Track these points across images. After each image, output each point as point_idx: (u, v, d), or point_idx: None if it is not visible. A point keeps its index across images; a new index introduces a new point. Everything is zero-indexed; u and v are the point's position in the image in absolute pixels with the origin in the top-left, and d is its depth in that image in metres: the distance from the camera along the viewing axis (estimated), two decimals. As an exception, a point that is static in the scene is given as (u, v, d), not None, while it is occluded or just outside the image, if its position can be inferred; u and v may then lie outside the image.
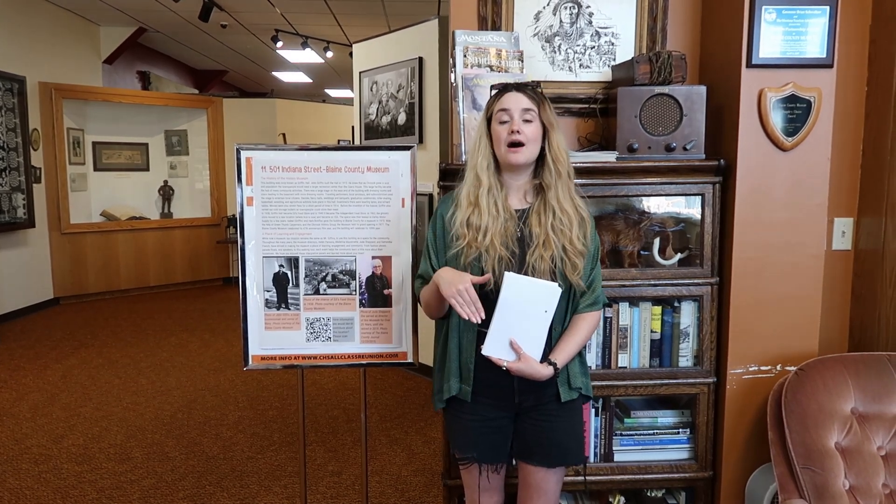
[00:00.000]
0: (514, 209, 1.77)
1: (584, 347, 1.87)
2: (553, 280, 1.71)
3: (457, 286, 1.64)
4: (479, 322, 1.65)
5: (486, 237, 1.71)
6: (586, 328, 1.81)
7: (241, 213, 2.24)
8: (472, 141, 1.83)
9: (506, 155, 1.72)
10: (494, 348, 1.71)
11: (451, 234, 1.78)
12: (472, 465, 1.86)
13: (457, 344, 1.82)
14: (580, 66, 2.43)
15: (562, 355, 1.76)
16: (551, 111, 1.76)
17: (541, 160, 1.77)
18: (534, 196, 1.79)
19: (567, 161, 1.76)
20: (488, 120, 1.78)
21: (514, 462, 1.93)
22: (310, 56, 9.34)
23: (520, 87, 1.76)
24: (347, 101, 9.78)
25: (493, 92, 1.81)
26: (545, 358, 1.75)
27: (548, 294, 1.68)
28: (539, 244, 1.72)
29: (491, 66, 2.20)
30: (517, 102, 1.72)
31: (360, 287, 2.27)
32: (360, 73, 5.07)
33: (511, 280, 1.66)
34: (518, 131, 1.70)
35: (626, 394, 2.27)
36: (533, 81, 1.80)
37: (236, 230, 2.14)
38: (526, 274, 1.71)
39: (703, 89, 2.16)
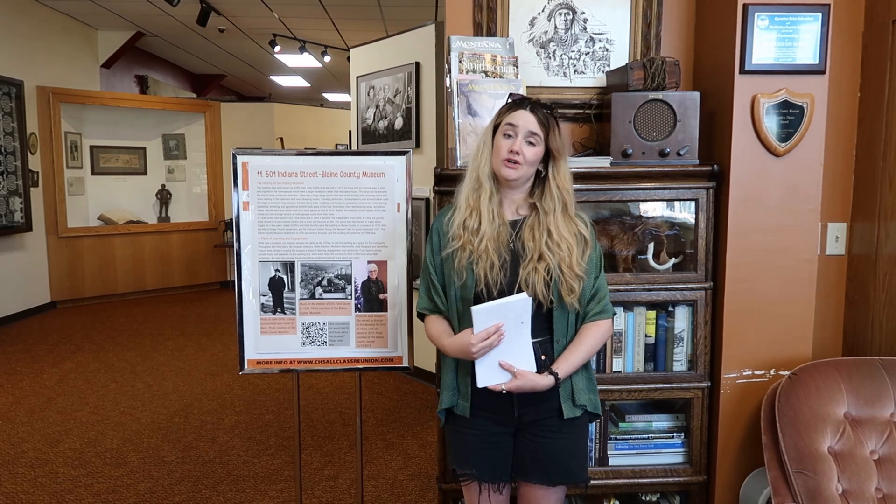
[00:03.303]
0: (507, 220, 1.76)
1: (591, 361, 1.82)
2: (547, 294, 1.68)
3: (469, 351, 1.66)
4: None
5: (481, 242, 1.69)
6: (592, 338, 1.76)
7: (237, 217, 2.25)
8: (477, 145, 1.80)
9: (500, 167, 1.71)
10: (487, 376, 1.69)
11: (448, 236, 1.77)
12: (472, 483, 1.82)
13: (453, 358, 1.81)
14: (575, 71, 2.44)
15: (564, 365, 1.72)
16: (560, 137, 1.72)
17: (540, 181, 1.75)
18: (527, 210, 1.77)
19: (568, 188, 1.73)
20: (495, 128, 1.75)
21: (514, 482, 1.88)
22: (307, 60, 9.36)
23: (534, 108, 1.71)
24: (345, 106, 9.80)
25: (509, 101, 1.77)
26: (547, 368, 1.71)
27: (518, 307, 1.65)
28: (533, 258, 1.69)
29: (486, 72, 2.21)
30: (525, 122, 1.69)
31: (356, 291, 2.27)
32: (357, 77, 5.09)
33: (479, 313, 1.64)
34: (517, 152, 1.68)
35: (620, 398, 2.28)
36: (550, 103, 1.76)
37: (233, 234, 2.14)
38: (520, 288, 1.69)
39: (696, 95, 2.17)
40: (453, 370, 1.82)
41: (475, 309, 1.64)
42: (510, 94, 1.80)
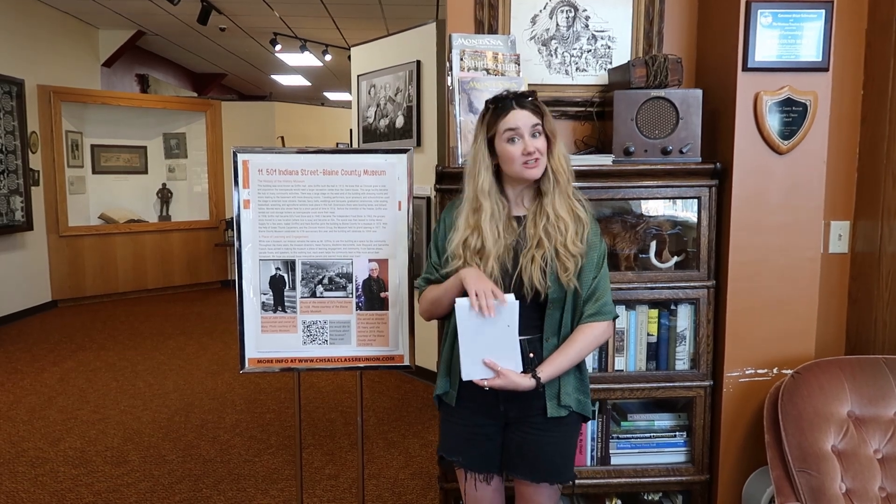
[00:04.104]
0: (515, 216, 1.77)
1: (586, 362, 1.81)
2: (543, 281, 1.68)
3: (483, 284, 1.63)
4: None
5: (487, 263, 1.69)
6: (583, 341, 1.73)
7: (238, 215, 2.24)
8: (470, 163, 1.76)
9: (522, 171, 1.68)
10: (471, 371, 1.68)
11: (447, 255, 1.76)
12: (460, 470, 1.84)
13: (450, 345, 1.82)
14: (576, 69, 2.43)
15: (548, 368, 1.71)
16: (551, 119, 1.73)
17: None
18: (531, 200, 1.77)
19: (567, 168, 1.73)
20: (490, 139, 1.72)
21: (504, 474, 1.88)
22: (308, 59, 9.35)
23: (521, 103, 1.69)
24: (346, 105, 9.79)
25: (491, 107, 1.73)
26: (533, 367, 1.70)
27: (504, 310, 1.63)
28: (532, 245, 1.70)
29: (488, 70, 2.21)
30: (525, 120, 1.67)
31: (357, 290, 2.27)
32: (358, 76, 5.08)
33: (462, 307, 1.64)
34: (532, 151, 1.66)
35: (622, 397, 2.27)
36: (530, 91, 1.75)
37: (234, 232, 2.14)
38: (519, 275, 1.70)
39: (699, 93, 2.16)
40: (448, 357, 1.82)
41: (459, 301, 1.64)
42: (488, 102, 1.75)
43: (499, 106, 1.71)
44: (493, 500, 1.85)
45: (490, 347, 1.66)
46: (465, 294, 1.68)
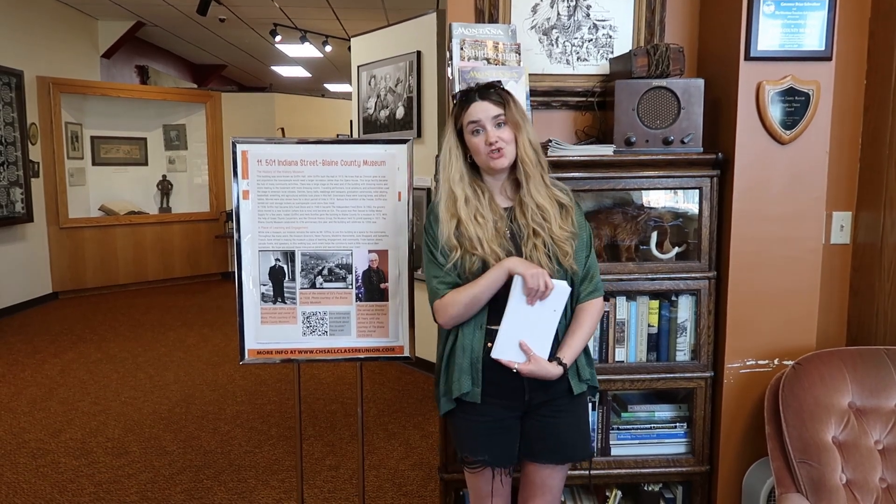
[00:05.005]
0: (503, 207, 1.77)
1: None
2: (551, 265, 1.71)
3: (535, 268, 1.64)
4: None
5: (483, 246, 1.69)
6: (590, 319, 1.79)
7: (237, 206, 2.23)
8: (444, 154, 1.79)
9: (489, 162, 1.71)
10: (504, 351, 1.69)
11: (444, 250, 1.74)
12: (483, 470, 1.79)
13: (470, 342, 1.75)
14: (578, 58, 2.42)
15: (570, 352, 1.74)
16: (517, 108, 1.73)
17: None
18: (514, 192, 1.79)
19: (536, 157, 1.74)
20: (459, 131, 1.76)
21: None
22: (308, 50, 9.31)
23: (484, 94, 1.72)
24: (346, 96, 9.76)
25: (455, 100, 1.76)
26: (553, 355, 1.73)
27: (557, 293, 1.67)
28: (530, 235, 1.72)
29: (488, 59, 2.19)
30: (485, 112, 1.70)
31: (357, 281, 2.26)
32: (358, 66, 5.06)
33: (520, 283, 1.65)
34: (495, 141, 1.68)
35: (623, 388, 2.27)
36: (495, 81, 1.77)
37: (233, 223, 2.13)
38: None
39: (700, 82, 2.15)
40: (469, 356, 1.75)
41: (517, 279, 1.65)
42: (452, 95, 1.79)
43: (463, 98, 1.75)
44: (506, 492, 1.86)
45: (527, 331, 1.69)
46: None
